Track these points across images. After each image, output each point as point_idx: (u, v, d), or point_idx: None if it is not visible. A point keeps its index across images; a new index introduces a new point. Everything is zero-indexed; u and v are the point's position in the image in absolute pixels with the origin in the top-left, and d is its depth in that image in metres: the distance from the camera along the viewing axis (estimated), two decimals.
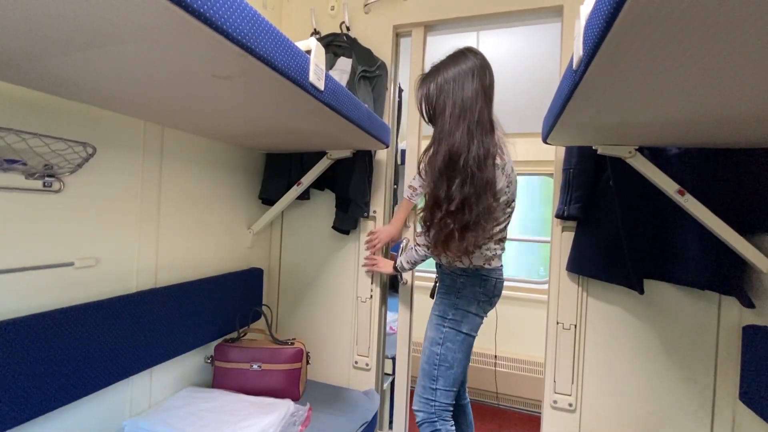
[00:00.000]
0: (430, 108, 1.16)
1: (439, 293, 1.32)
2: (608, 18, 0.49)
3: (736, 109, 0.80)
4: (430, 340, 1.27)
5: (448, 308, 1.27)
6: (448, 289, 1.30)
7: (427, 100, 1.16)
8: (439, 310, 1.29)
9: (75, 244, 1.05)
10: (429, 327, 1.30)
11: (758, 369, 1.07)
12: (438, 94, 1.12)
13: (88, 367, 1.02)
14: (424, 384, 1.26)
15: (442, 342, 1.24)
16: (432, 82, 1.14)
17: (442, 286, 1.32)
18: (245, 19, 0.63)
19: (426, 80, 1.17)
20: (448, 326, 1.25)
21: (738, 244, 1.09)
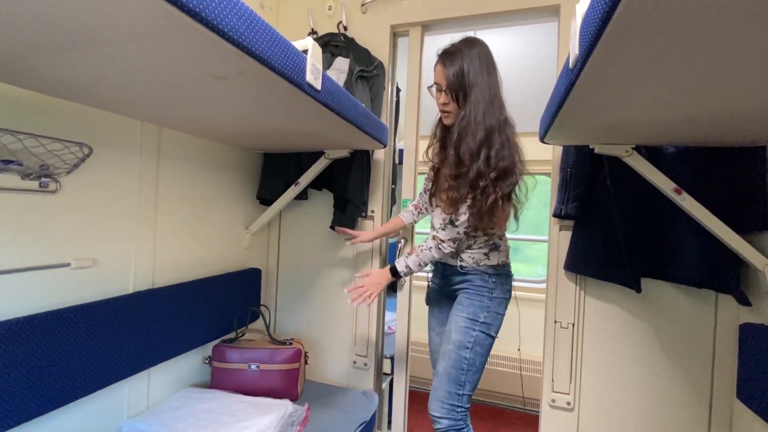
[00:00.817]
0: (462, 82, 1.13)
1: (466, 294, 1.23)
2: (603, 17, 0.50)
3: (732, 108, 0.81)
4: (457, 344, 1.18)
5: (479, 310, 1.20)
6: (479, 290, 1.22)
7: (459, 75, 1.13)
8: (468, 313, 1.20)
9: (72, 245, 1.04)
10: (454, 330, 1.20)
11: (755, 367, 1.07)
12: (470, 70, 1.12)
13: (85, 368, 1.01)
14: (449, 389, 1.17)
15: (471, 346, 1.17)
16: (463, 60, 1.12)
17: (470, 287, 1.22)
18: (241, 18, 0.62)
19: (454, 57, 1.14)
20: (479, 330, 1.18)
21: (735, 243, 1.10)
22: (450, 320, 1.24)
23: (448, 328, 1.22)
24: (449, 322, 1.23)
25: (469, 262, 1.24)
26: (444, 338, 1.23)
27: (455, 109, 1.17)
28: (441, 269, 1.34)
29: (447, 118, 1.21)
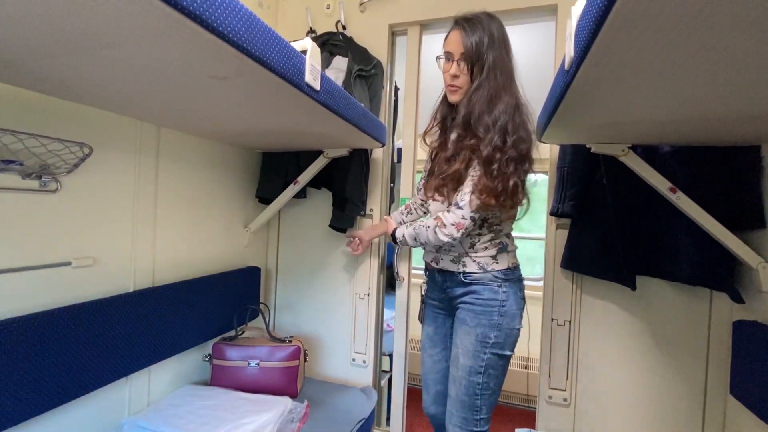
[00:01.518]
0: (480, 52, 1.01)
1: (472, 311, 1.06)
2: (598, 18, 0.50)
3: (725, 108, 0.82)
4: (468, 370, 1.04)
5: (489, 330, 1.04)
6: (487, 305, 1.05)
7: (479, 44, 1.00)
8: (477, 334, 1.04)
9: (72, 244, 1.05)
10: (462, 354, 1.05)
11: (749, 364, 1.09)
12: (491, 41, 1.01)
13: (86, 366, 1.02)
14: (465, 416, 1.05)
15: (483, 370, 1.04)
16: (484, 29, 1.01)
17: (477, 301, 1.06)
18: (241, 20, 0.63)
19: (475, 24, 1.02)
20: (490, 352, 1.04)
21: (729, 241, 1.11)
22: (455, 341, 1.08)
23: (455, 351, 1.08)
24: (455, 344, 1.09)
25: (474, 268, 1.06)
26: (452, 361, 1.09)
27: (466, 83, 1.04)
28: (439, 280, 1.15)
29: (454, 94, 1.06)
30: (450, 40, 1.05)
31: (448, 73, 1.05)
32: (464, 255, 1.08)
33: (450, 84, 1.06)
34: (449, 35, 1.06)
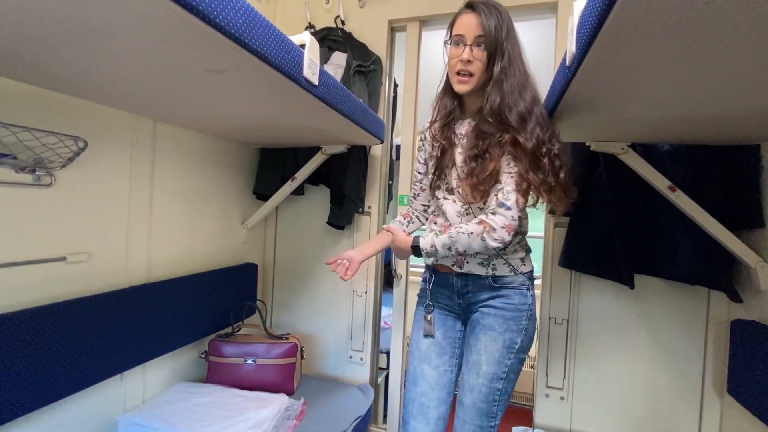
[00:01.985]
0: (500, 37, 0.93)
1: (501, 316, 0.99)
2: (600, 15, 0.50)
3: (725, 107, 0.81)
4: (490, 377, 0.98)
5: (517, 335, 0.98)
6: (518, 309, 0.99)
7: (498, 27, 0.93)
8: (505, 340, 0.98)
9: (67, 239, 1.04)
10: (487, 361, 0.98)
11: (746, 363, 1.09)
12: (510, 26, 0.95)
13: (80, 363, 1.01)
14: (481, 424, 0.98)
15: (505, 376, 0.99)
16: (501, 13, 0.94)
17: (507, 306, 0.99)
18: (239, 12, 0.62)
19: (490, 7, 0.94)
20: (515, 357, 0.99)
21: (727, 240, 1.11)
22: (477, 348, 0.99)
23: (476, 358, 0.99)
24: (476, 351, 0.99)
25: (505, 271, 0.99)
26: (470, 369, 1.00)
27: (479, 71, 0.94)
28: (459, 284, 1.04)
29: (465, 84, 0.96)
30: (462, 22, 0.95)
31: (458, 59, 0.94)
32: (495, 257, 1.00)
33: (461, 70, 0.95)
34: (460, 18, 0.96)
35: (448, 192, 1.04)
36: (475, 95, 1.00)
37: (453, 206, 1.02)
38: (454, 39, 0.96)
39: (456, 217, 1.02)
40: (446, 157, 1.03)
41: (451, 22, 0.99)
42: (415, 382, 1.07)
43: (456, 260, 1.02)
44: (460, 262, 1.02)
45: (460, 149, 1.01)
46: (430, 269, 1.11)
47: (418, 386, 1.06)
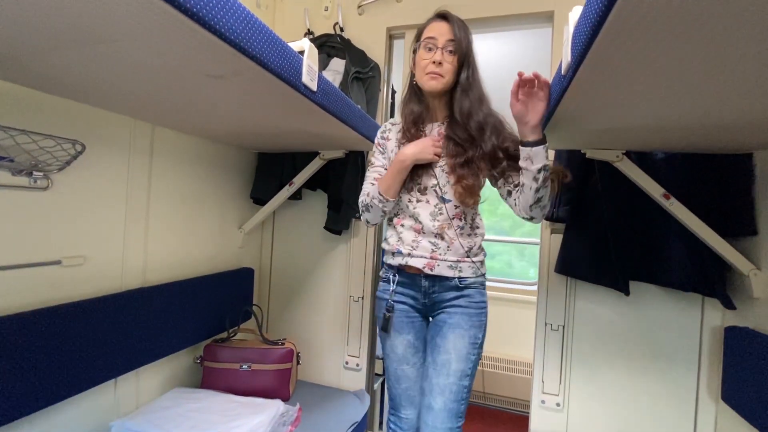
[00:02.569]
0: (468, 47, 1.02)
1: (466, 314, 1.05)
2: (595, 25, 0.51)
3: (719, 116, 0.83)
4: (459, 375, 1.02)
5: (479, 331, 1.06)
6: (479, 307, 1.07)
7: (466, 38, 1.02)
8: (470, 336, 1.04)
9: (62, 243, 1.03)
10: (456, 359, 1.02)
11: (739, 370, 1.10)
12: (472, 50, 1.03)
13: (74, 367, 1.00)
14: (451, 426, 1.01)
15: (471, 372, 1.04)
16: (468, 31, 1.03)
17: (471, 305, 1.06)
18: (238, 19, 0.63)
19: (459, 20, 1.03)
20: (477, 352, 1.06)
21: (721, 247, 1.12)
22: (446, 347, 1.03)
23: (445, 357, 1.02)
24: (444, 350, 1.03)
25: (469, 273, 1.06)
26: (439, 371, 1.03)
27: (449, 73, 1.01)
28: (425, 285, 1.08)
29: (435, 81, 1.01)
30: (433, 28, 1.03)
31: (430, 60, 1.01)
32: (462, 261, 1.05)
33: (433, 71, 1.00)
34: (431, 25, 1.04)
35: (421, 192, 1.07)
36: (442, 100, 1.07)
37: (426, 207, 1.06)
38: (425, 43, 1.03)
39: (429, 216, 1.05)
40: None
41: (420, 29, 1.07)
42: (398, 380, 1.13)
43: (426, 263, 1.05)
44: (430, 265, 1.05)
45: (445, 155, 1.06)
46: (395, 269, 1.12)
47: (401, 383, 1.13)
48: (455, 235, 1.04)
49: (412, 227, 1.07)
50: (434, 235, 1.05)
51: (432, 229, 1.04)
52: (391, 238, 1.12)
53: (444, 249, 1.04)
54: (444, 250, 1.05)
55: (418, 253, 1.05)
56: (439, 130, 1.08)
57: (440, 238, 1.04)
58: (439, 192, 1.05)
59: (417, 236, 1.06)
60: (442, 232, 1.04)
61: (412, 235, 1.07)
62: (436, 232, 1.04)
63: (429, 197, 1.06)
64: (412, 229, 1.07)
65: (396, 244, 1.09)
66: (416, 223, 1.06)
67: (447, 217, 1.04)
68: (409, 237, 1.07)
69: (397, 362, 1.13)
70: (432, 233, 1.05)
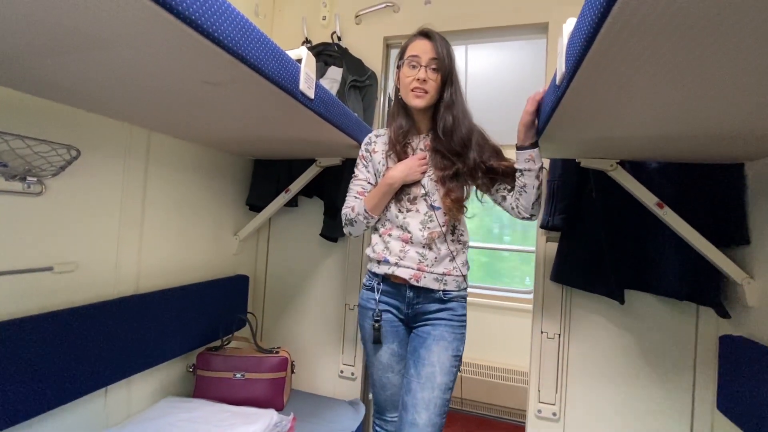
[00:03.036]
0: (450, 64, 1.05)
1: (449, 327, 1.06)
2: (588, 36, 0.52)
3: (710, 127, 0.84)
4: (443, 388, 1.01)
5: (460, 344, 1.07)
6: (461, 320, 1.09)
7: (449, 56, 1.05)
8: (453, 349, 1.05)
9: (55, 249, 1.02)
10: (440, 372, 1.02)
11: (735, 378, 1.10)
12: (454, 57, 1.06)
13: (63, 376, 0.99)
14: None
15: (453, 385, 1.05)
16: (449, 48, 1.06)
17: (453, 318, 1.07)
18: (236, 27, 0.63)
19: (441, 37, 1.06)
20: (458, 364, 1.07)
21: (714, 256, 1.13)
22: (430, 360, 1.03)
23: (430, 370, 1.02)
24: (431, 362, 1.02)
25: (453, 286, 1.08)
26: (423, 384, 1.01)
27: (433, 89, 1.04)
28: (410, 296, 1.08)
29: (420, 99, 1.03)
30: (416, 46, 1.05)
31: (414, 78, 1.03)
32: (447, 274, 1.07)
33: (417, 87, 1.03)
34: (414, 43, 1.06)
35: (411, 202, 1.08)
36: (427, 114, 1.10)
37: (416, 216, 1.07)
38: (408, 60, 1.05)
39: (419, 225, 1.06)
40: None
41: (404, 46, 1.09)
42: (384, 387, 1.15)
43: (413, 274, 1.06)
44: (417, 276, 1.06)
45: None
46: (379, 278, 1.12)
47: (387, 390, 1.15)
48: (443, 242, 1.06)
49: (400, 237, 1.08)
50: (422, 246, 1.06)
51: (421, 239, 1.05)
52: (377, 245, 1.12)
53: (431, 260, 1.06)
54: (431, 262, 1.06)
55: (405, 264, 1.06)
56: (425, 142, 1.10)
57: (428, 249, 1.06)
58: (428, 200, 1.07)
59: (405, 246, 1.07)
60: (430, 241, 1.06)
61: (399, 244, 1.07)
62: (424, 242, 1.05)
63: (419, 206, 1.08)
64: (399, 238, 1.08)
65: (382, 252, 1.09)
66: (405, 233, 1.07)
67: (437, 224, 1.06)
68: (396, 246, 1.08)
69: (381, 370, 1.14)
70: (420, 243, 1.06)
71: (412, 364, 1.06)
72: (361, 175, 1.17)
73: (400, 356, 1.13)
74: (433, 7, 1.68)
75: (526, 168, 0.99)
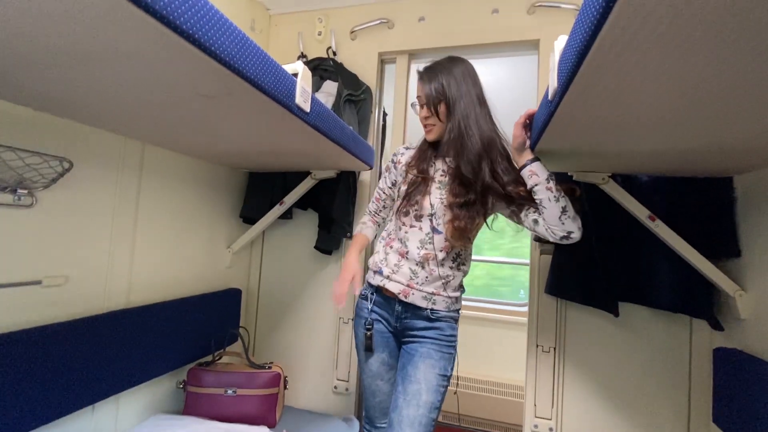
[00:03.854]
0: (441, 95, 1.06)
1: (436, 346, 1.06)
2: (580, 53, 0.53)
3: (700, 141, 0.86)
4: (429, 407, 1.01)
5: (449, 363, 1.07)
6: (449, 340, 1.08)
7: (438, 89, 1.06)
8: (440, 368, 1.05)
9: (44, 262, 1.00)
10: (426, 390, 1.02)
11: (730, 391, 1.10)
12: (450, 84, 1.06)
13: (49, 393, 0.96)
14: None
15: (439, 404, 1.04)
16: (442, 74, 1.07)
17: (441, 337, 1.07)
18: (234, 40, 0.64)
19: (433, 72, 1.09)
20: (446, 384, 1.06)
21: (706, 269, 1.14)
22: (416, 377, 1.03)
23: (416, 387, 1.02)
24: (415, 380, 1.03)
25: (442, 306, 1.08)
26: (409, 401, 1.01)
27: (438, 122, 1.09)
28: (398, 309, 1.10)
29: (430, 133, 1.11)
30: (417, 88, 1.13)
31: (421, 116, 1.12)
32: (437, 294, 1.07)
33: (425, 125, 1.12)
34: (417, 84, 1.13)
35: (417, 219, 1.09)
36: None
37: (418, 234, 1.08)
38: (417, 100, 1.13)
39: (417, 243, 1.07)
40: (419, 187, 1.10)
41: None
42: (374, 394, 1.17)
43: (402, 289, 1.07)
44: (405, 293, 1.07)
45: (437, 184, 1.10)
46: (373, 288, 1.14)
47: (376, 397, 1.17)
48: (437, 266, 1.06)
49: (398, 250, 1.10)
50: (416, 263, 1.07)
51: (416, 257, 1.06)
52: (378, 254, 1.15)
53: (422, 278, 1.06)
54: (422, 280, 1.06)
55: (396, 278, 1.08)
56: (448, 165, 1.11)
57: (421, 267, 1.06)
58: (433, 221, 1.07)
59: (400, 260, 1.09)
60: (424, 261, 1.06)
61: (396, 258, 1.10)
62: (418, 260, 1.06)
63: (423, 224, 1.08)
64: (397, 252, 1.10)
65: (380, 263, 1.12)
66: (403, 247, 1.09)
67: (434, 247, 1.06)
68: (393, 259, 1.10)
69: (371, 377, 1.16)
70: (415, 261, 1.07)
71: (400, 380, 1.06)
72: (381, 183, 1.25)
73: (389, 365, 1.15)
74: (427, 23, 1.72)
75: (533, 183, 0.99)
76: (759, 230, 1.10)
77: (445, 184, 1.09)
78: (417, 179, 1.11)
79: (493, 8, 1.62)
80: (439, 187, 1.09)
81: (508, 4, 1.60)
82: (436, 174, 1.11)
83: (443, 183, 1.09)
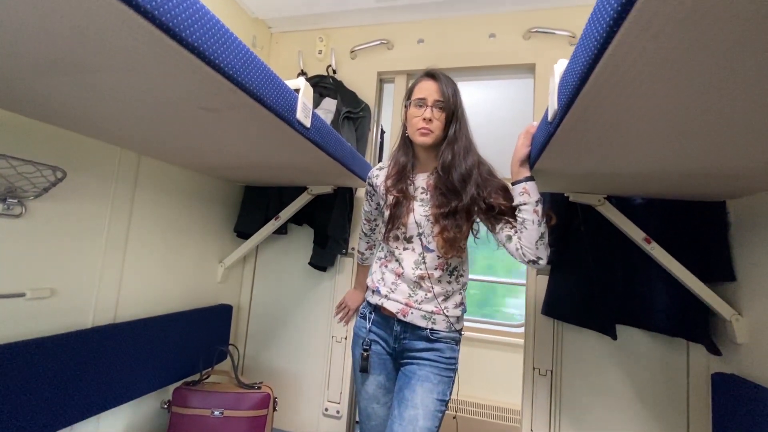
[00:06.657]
0: (455, 102, 1.06)
1: (436, 368, 1.03)
2: (581, 77, 0.54)
3: (694, 166, 0.87)
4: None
5: (447, 387, 1.03)
6: (449, 363, 1.04)
7: (454, 95, 1.06)
8: (438, 393, 1.01)
9: (29, 274, 0.97)
10: (423, 415, 0.98)
11: (728, 417, 1.08)
12: (460, 95, 1.08)
13: (26, 412, 0.91)
14: None
15: (437, 430, 1.00)
16: (455, 87, 1.08)
17: (440, 359, 1.04)
18: (238, 55, 0.64)
19: (447, 77, 1.08)
20: (444, 408, 1.02)
21: (702, 293, 1.14)
22: (414, 402, 0.99)
23: (413, 413, 0.98)
24: (414, 405, 0.99)
25: (443, 326, 1.04)
26: (405, 427, 0.97)
27: (438, 129, 1.05)
28: (397, 330, 1.07)
29: (427, 136, 1.04)
30: (423, 87, 1.07)
31: (420, 117, 1.05)
32: (437, 313, 1.04)
33: (423, 127, 1.04)
34: (420, 84, 1.09)
35: (407, 241, 1.08)
36: (430, 152, 1.09)
37: (411, 255, 1.07)
38: (415, 101, 1.07)
39: (412, 263, 1.05)
40: (401, 208, 1.08)
41: (411, 87, 1.12)
42: (369, 417, 1.13)
43: (401, 308, 1.05)
44: (404, 312, 1.05)
45: (419, 202, 1.08)
46: (372, 307, 1.12)
47: (372, 420, 1.13)
48: (434, 283, 1.04)
49: (394, 270, 1.08)
50: (413, 282, 1.05)
51: (412, 277, 1.05)
52: (375, 274, 1.13)
53: (421, 297, 1.04)
54: (420, 299, 1.04)
55: (394, 297, 1.06)
56: (427, 181, 1.09)
57: (419, 287, 1.05)
58: (423, 240, 1.05)
59: (397, 279, 1.07)
60: (420, 281, 1.04)
61: (392, 277, 1.08)
62: (415, 279, 1.04)
63: (414, 246, 1.07)
64: (394, 272, 1.08)
65: (377, 282, 1.10)
66: (399, 267, 1.07)
67: (427, 267, 1.04)
68: (390, 279, 1.08)
69: (367, 400, 1.13)
70: (411, 280, 1.05)
71: (396, 404, 1.02)
72: (366, 207, 1.28)
73: (386, 388, 1.11)
74: (426, 45, 1.75)
75: (522, 202, 0.97)
76: (754, 255, 1.11)
77: (427, 201, 1.07)
78: (399, 199, 1.08)
79: (490, 33, 1.66)
80: (422, 204, 1.07)
81: (504, 30, 1.65)
82: (417, 192, 1.09)
83: (425, 200, 1.07)
